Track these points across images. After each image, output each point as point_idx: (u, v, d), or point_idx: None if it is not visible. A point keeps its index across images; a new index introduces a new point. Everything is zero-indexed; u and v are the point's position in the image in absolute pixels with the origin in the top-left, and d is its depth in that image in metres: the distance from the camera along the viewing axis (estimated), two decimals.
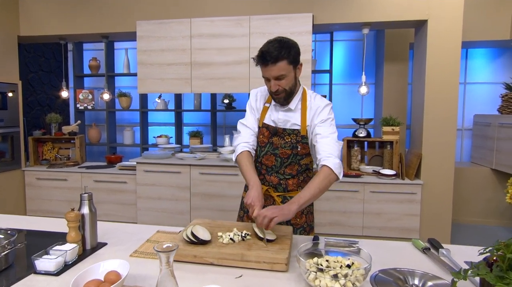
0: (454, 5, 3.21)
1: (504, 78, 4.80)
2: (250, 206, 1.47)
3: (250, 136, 1.73)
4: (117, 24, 3.73)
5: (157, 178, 3.57)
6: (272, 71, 1.52)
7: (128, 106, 4.57)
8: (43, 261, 1.22)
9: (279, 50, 1.49)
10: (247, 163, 1.65)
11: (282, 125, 1.68)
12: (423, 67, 3.35)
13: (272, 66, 1.51)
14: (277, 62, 1.50)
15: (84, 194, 1.45)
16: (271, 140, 1.70)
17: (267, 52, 1.50)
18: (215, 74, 3.53)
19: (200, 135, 4.51)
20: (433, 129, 3.34)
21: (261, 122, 1.73)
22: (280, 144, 1.68)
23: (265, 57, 1.50)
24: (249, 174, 1.61)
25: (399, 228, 3.38)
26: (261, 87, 1.81)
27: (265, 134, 1.71)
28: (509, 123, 4.00)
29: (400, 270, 1.24)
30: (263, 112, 1.73)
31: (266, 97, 1.75)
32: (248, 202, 1.48)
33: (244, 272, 1.24)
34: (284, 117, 1.67)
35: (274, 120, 1.69)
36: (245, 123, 1.76)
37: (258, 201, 1.47)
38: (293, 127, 1.66)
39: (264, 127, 1.71)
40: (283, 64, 1.50)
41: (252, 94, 1.79)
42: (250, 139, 1.73)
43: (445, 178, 3.35)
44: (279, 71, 1.52)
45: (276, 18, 3.40)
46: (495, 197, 4.41)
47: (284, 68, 1.51)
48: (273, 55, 1.49)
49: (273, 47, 1.50)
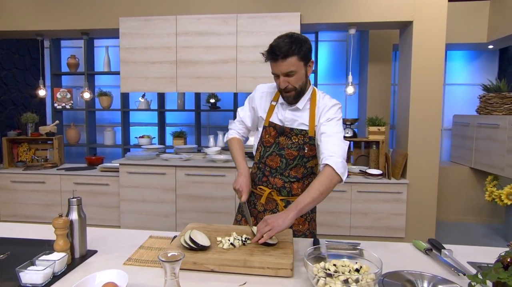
0: (438, 8, 3.26)
1: (481, 79, 4.94)
2: (238, 191, 1.52)
3: (241, 127, 1.81)
4: (98, 20, 3.58)
5: (141, 180, 3.45)
6: (282, 67, 1.46)
7: (108, 105, 4.42)
8: (29, 273, 1.13)
9: (289, 45, 1.43)
10: (237, 148, 1.73)
11: (289, 125, 1.61)
12: (408, 68, 3.40)
13: (282, 62, 1.45)
14: (287, 57, 1.44)
15: (73, 198, 1.36)
16: (277, 140, 1.64)
17: (277, 47, 1.44)
18: (202, 73, 3.45)
19: (184, 136, 4.41)
20: (418, 129, 3.39)
21: (267, 121, 1.66)
22: (286, 144, 1.61)
23: (275, 52, 1.45)
24: (239, 159, 1.68)
25: (386, 227, 3.41)
26: (268, 84, 1.73)
27: (272, 134, 1.64)
28: (487, 123, 4.12)
29: (408, 272, 1.22)
30: (270, 110, 1.66)
31: (273, 94, 1.68)
32: (236, 187, 1.53)
33: (247, 279, 1.19)
34: (292, 116, 1.61)
35: (281, 119, 1.63)
36: (240, 115, 1.80)
37: (246, 187, 1.54)
38: (301, 127, 1.60)
39: (271, 126, 1.65)
40: (293, 60, 1.45)
41: (258, 91, 1.72)
42: (241, 130, 1.82)
43: (429, 177, 3.41)
44: (288, 67, 1.46)
45: (263, 17, 3.36)
46: (474, 195, 4.53)
47: (294, 64, 1.45)
48: (283, 50, 1.43)
49: (283, 42, 1.44)
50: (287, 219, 1.32)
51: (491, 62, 4.99)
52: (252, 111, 1.74)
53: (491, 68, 4.99)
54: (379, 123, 3.56)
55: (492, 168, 4.04)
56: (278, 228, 1.30)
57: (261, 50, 3.41)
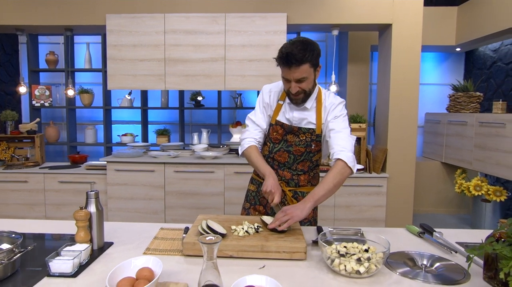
0: (415, 11, 3.48)
1: (449, 79, 5.28)
2: (270, 193, 1.51)
3: (258, 133, 1.75)
4: (83, 16, 3.53)
5: (129, 178, 3.45)
6: (295, 74, 1.52)
7: (90, 103, 4.35)
8: (58, 263, 1.17)
9: (303, 53, 1.48)
10: (257, 155, 1.68)
11: (297, 124, 1.69)
12: (387, 68, 3.60)
13: (296, 69, 1.50)
14: (301, 65, 1.49)
15: (91, 191, 1.40)
16: (285, 138, 1.71)
17: (292, 54, 1.48)
18: (190, 71, 3.49)
19: (168, 133, 4.43)
20: (397, 125, 3.60)
21: (274, 119, 1.72)
22: (294, 141, 1.69)
23: (290, 60, 1.48)
24: (263, 165, 1.64)
25: (368, 219, 3.60)
26: (274, 83, 1.79)
27: (279, 132, 1.71)
28: (456, 120, 4.42)
29: (408, 252, 1.36)
30: (277, 109, 1.72)
31: (280, 93, 1.74)
32: (268, 189, 1.51)
33: (265, 263, 1.28)
34: (300, 115, 1.68)
35: (288, 118, 1.69)
36: (254, 120, 1.76)
37: (277, 189, 1.52)
38: (308, 125, 1.68)
39: (278, 125, 1.71)
40: (306, 67, 1.50)
41: (265, 90, 1.77)
42: (257, 136, 1.75)
43: (407, 171, 3.63)
44: (301, 73, 1.51)
45: (251, 17, 3.44)
46: (444, 188, 4.85)
47: (306, 70, 1.52)
48: (297, 58, 1.47)
49: (296, 49, 1.48)
50: (305, 209, 1.43)
51: (458, 63, 5.33)
52: (265, 112, 1.76)
53: (458, 69, 5.34)
54: (360, 120, 3.74)
55: (461, 162, 4.34)
56: (297, 218, 1.40)
57: (249, 49, 3.52)
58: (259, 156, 1.69)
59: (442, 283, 1.13)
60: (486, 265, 1.13)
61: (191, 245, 1.32)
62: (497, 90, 4.64)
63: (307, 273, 1.21)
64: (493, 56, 4.75)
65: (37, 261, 1.27)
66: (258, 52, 3.48)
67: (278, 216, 1.43)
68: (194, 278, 1.15)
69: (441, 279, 1.15)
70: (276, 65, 1.59)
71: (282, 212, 1.43)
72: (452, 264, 1.25)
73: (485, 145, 3.90)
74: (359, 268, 1.14)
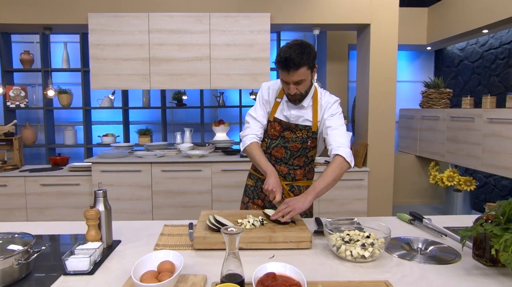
0: (391, 12, 3.65)
1: (421, 76, 5.55)
2: (271, 192, 1.57)
3: (259, 129, 1.80)
4: (64, 15, 3.45)
5: (115, 178, 3.42)
6: (294, 77, 1.58)
7: (69, 104, 4.25)
8: (74, 261, 1.19)
9: (300, 57, 1.54)
10: (259, 152, 1.74)
11: (294, 121, 1.76)
12: (366, 66, 3.75)
13: (294, 72, 1.56)
14: (299, 68, 1.55)
15: (99, 191, 1.41)
16: (282, 134, 1.78)
17: (290, 59, 1.53)
18: (176, 70, 3.50)
19: (150, 133, 4.40)
20: (376, 121, 3.76)
21: (272, 116, 1.79)
22: (291, 138, 1.77)
23: (288, 64, 1.54)
24: (264, 163, 1.70)
25: (350, 212, 3.75)
26: (272, 81, 1.86)
27: (277, 128, 1.78)
28: (429, 115, 4.66)
29: (403, 237, 1.47)
30: (275, 106, 1.79)
31: (278, 91, 1.81)
32: (270, 188, 1.57)
33: (274, 253, 1.35)
34: (297, 113, 1.75)
35: (286, 115, 1.76)
36: (255, 116, 1.81)
37: (279, 187, 1.59)
38: (305, 123, 1.75)
39: (276, 122, 1.78)
40: (303, 70, 1.57)
41: (264, 88, 1.83)
42: (259, 132, 1.80)
43: (387, 165, 3.81)
44: (299, 76, 1.58)
45: (235, 17, 3.49)
46: (419, 180, 5.10)
47: (304, 73, 1.58)
48: (295, 62, 1.53)
49: (294, 53, 1.53)
50: (306, 201, 1.51)
51: (429, 61, 5.61)
52: (264, 109, 1.82)
53: (428, 67, 5.62)
54: None
55: (434, 155, 4.59)
56: (299, 210, 1.48)
57: (233, 48, 3.58)
58: (261, 153, 1.74)
59: (437, 263, 1.24)
60: (475, 245, 1.26)
61: (202, 239, 1.37)
62: (465, 87, 4.94)
63: (314, 260, 1.29)
64: (460, 55, 5.04)
65: (49, 261, 1.28)
66: (243, 51, 3.53)
67: (280, 208, 1.50)
68: (209, 270, 1.20)
69: (435, 259, 1.27)
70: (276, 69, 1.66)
71: (285, 204, 1.51)
72: (444, 246, 1.37)
73: (456, 138, 4.14)
74: (364, 253, 1.23)
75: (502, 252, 1.03)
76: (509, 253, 1.01)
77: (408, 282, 1.11)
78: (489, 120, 3.63)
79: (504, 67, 4.25)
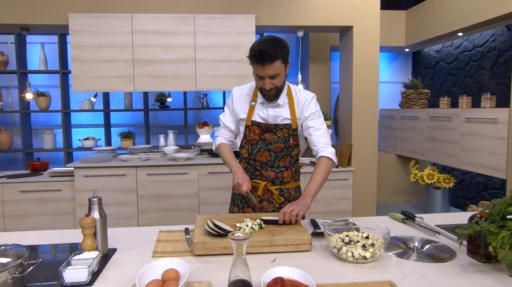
0: (373, 14, 3.73)
1: (399, 77, 5.69)
2: (240, 185, 1.63)
3: (227, 133, 1.91)
4: (42, 15, 3.32)
5: (99, 183, 3.33)
6: (269, 70, 1.60)
7: (47, 107, 4.10)
8: (72, 272, 1.15)
9: (275, 50, 1.56)
10: (226, 152, 1.84)
11: (273, 121, 1.77)
12: (350, 68, 3.82)
13: (269, 66, 1.58)
14: (274, 61, 1.58)
15: (93, 198, 1.38)
16: (263, 137, 1.78)
17: (265, 52, 1.55)
18: (160, 72, 3.44)
19: (133, 136, 4.32)
20: (360, 121, 3.83)
21: (249, 121, 1.78)
22: (273, 139, 1.77)
23: (263, 57, 1.56)
24: (231, 161, 1.79)
25: (335, 211, 3.80)
26: (242, 86, 1.86)
27: (256, 132, 1.78)
28: (409, 115, 4.80)
29: (399, 237, 1.50)
30: (250, 110, 1.78)
31: (251, 95, 1.80)
32: (240, 181, 1.64)
33: (274, 256, 1.35)
34: (274, 113, 1.76)
35: (264, 117, 1.77)
36: (223, 121, 1.90)
37: (245, 180, 1.66)
38: (284, 121, 1.77)
39: (254, 125, 1.77)
40: (278, 63, 1.60)
41: (235, 95, 1.84)
42: (227, 135, 1.91)
43: (370, 164, 3.89)
44: (274, 70, 1.60)
45: (220, 18, 3.47)
46: (399, 178, 5.24)
47: (278, 67, 1.61)
48: (270, 55, 1.55)
49: (268, 46, 1.56)
50: (306, 204, 1.58)
51: (407, 63, 5.77)
52: (233, 115, 1.85)
53: (406, 68, 5.78)
54: (326, 118, 3.93)
55: (414, 153, 4.73)
56: (302, 212, 1.54)
57: (219, 50, 3.56)
58: (228, 152, 1.84)
59: (434, 261, 1.28)
60: (470, 242, 1.30)
61: (202, 245, 1.35)
62: (441, 87, 5.11)
63: (316, 263, 1.30)
64: (436, 57, 5.21)
65: (44, 273, 1.23)
66: (228, 53, 3.52)
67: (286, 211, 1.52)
68: (212, 276, 1.19)
69: (432, 258, 1.30)
70: (249, 63, 1.67)
71: (289, 207, 1.53)
72: (440, 245, 1.41)
73: (435, 137, 4.28)
74: (365, 254, 1.25)
75: (499, 249, 1.07)
76: (507, 250, 1.05)
77: (410, 281, 1.14)
78: (466, 119, 3.77)
79: (477, 69, 4.43)
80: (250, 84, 1.85)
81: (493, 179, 4.24)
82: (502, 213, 1.13)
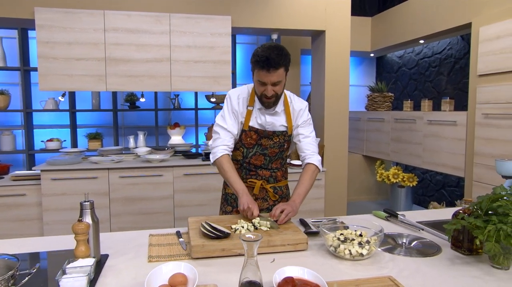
0: (344, 19, 3.86)
1: (364, 81, 5.93)
2: (249, 210, 1.57)
3: (230, 139, 1.75)
4: (5, 7, 3.10)
5: (68, 186, 3.16)
6: (273, 77, 1.60)
7: (6, 106, 3.83)
8: (70, 281, 1.09)
9: (279, 57, 1.58)
10: (230, 168, 1.70)
11: (270, 128, 1.78)
12: (322, 71, 3.92)
13: (274, 72, 1.59)
14: (278, 68, 1.60)
15: (85, 202, 1.32)
16: (259, 142, 1.79)
17: (271, 58, 1.56)
18: (134, 72, 3.34)
19: (101, 137, 4.15)
20: (332, 123, 3.95)
21: (246, 125, 1.77)
22: (269, 144, 1.80)
23: (269, 63, 1.57)
24: (235, 180, 1.68)
25: (309, 211, 3.88)
26: (239, 88, 1.83)
27: (253, 137, 1.78)
28: (375, 117, 5.02)
29: (389, 234, 1.58)
30: (248, 115, 1.77)
31: (248, 99, 1.79)
32: (245, 207, 1.58)
33: (273, 257, 1.37)
34: (272, 120, 1.77)
35: (261, 123, 1.77)
36: (225, 126, 1.75)
37: (254, 204, 1.60)
38: (281, 128, 1.79)
39: (251, 131, 1.77)
40: (281, 71, 1.62)
41: (233, 97, 1.79)
42: (230, 143, 1.75)
43: (341, 165, 4.02)
44: (278, 77, 1.62)
45: (196, 18, 3.44)
46: (366, 178, 5.46)
47: (281, 74, 1.63)
48: (275, 61, 1.57)
49: (274, 53, 1.57)
50: (295, 206, 1.66)
51: (371, 67, 6.03)
52: (235, 118, 1.77)
53: (371, 72, 6.03)
54: None
55: (380, 154, 4.95)
56: (292, 214, 1.61)
57: (194, 50, 3.53)
58: (232, 169, 1.70)
59: (423, 256, 1.36)
60: (453, 237, 1.40)
61: (200, 248, 1.34)
62: (403, 91, 5.39)
63: (314, 261, 1.33)
64: (398, 62, 5.49)
65: (36, 283, 1.16)
66: (204, 54, 3.49)
67: (276, 212, 1.55)
68: (215, 279, 1.19)
69: (421, 253, 1.39)
70: (251, 68, 1.68)
71: (280, 208, 1.57)
72: (426, 241, 1.50)
73: (400, 139, 4.51)
74: (362, 251, 1.30)
75: (486, 242, 1.16)
76: (493, 242, 1.14)
77: (406, 275, 1.20)
78: (428, 121, 4.01)
79: (436, 74, 4.73)
80: (246, 88, 1.82)
81: (451, 177, 4.54)
82: (486, 209, 1.23)
